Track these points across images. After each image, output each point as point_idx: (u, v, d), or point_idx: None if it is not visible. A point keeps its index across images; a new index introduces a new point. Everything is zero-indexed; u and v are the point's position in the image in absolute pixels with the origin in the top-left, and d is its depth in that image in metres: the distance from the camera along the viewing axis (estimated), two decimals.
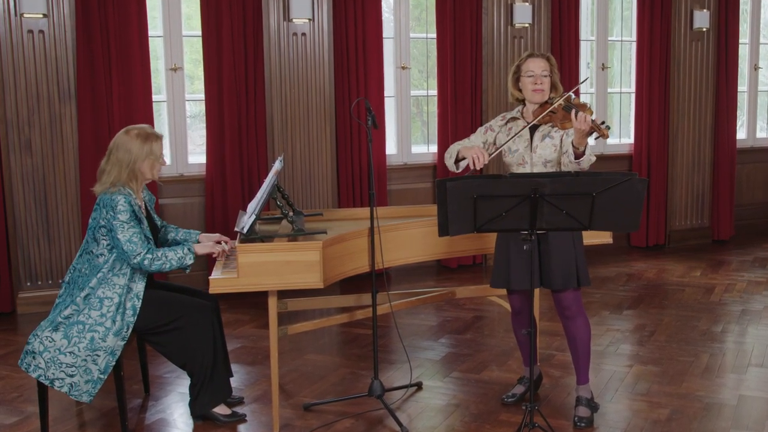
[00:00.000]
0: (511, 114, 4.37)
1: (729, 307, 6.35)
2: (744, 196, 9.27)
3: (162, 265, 4.05)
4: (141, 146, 4.09)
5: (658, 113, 8.32)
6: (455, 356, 5.30)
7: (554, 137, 4.22)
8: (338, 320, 4.97)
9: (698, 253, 8.28)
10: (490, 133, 4.39)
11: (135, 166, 4.09)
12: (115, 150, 4.10)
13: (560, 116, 4.10)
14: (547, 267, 4.14)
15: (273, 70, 6.86)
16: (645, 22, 8.19)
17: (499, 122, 4.40)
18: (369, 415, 4.36)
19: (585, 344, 4.26)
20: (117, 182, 4.06)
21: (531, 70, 4.21)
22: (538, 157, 4.21)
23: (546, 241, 4.12)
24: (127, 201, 4.01)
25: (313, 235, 4.15)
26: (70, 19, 6.23)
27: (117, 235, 3.99)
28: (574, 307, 4.20)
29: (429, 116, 7.94)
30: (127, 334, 4.03)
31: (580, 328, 4.23)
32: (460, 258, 7.58)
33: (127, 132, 4.14)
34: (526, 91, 4.25)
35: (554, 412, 4.36)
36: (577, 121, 3.88)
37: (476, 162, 4.07)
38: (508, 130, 4.32)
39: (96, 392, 4.00)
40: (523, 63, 4.28)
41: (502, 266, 4.24)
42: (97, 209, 4.07)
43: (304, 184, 7.06)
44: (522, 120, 4.31)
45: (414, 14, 7.84)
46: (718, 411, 4.37)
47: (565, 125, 4.08)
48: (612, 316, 6.10)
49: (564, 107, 4.09)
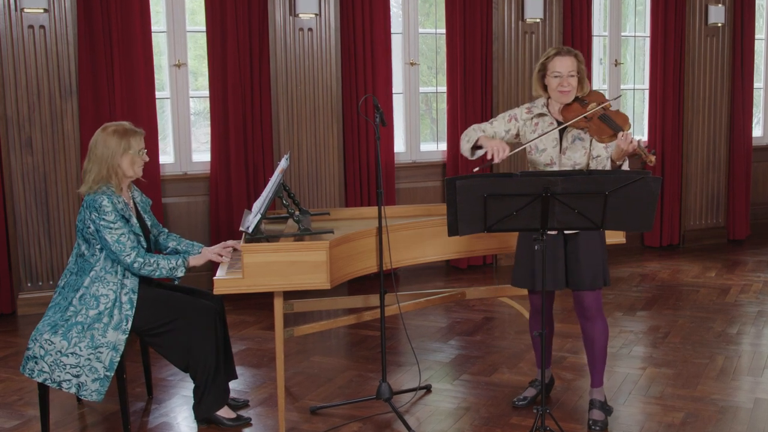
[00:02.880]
0: (537, 109, 4.22)
1: (745, 308, 6.28)
2: (760, 195, 9.17)
3: (152, 271, 4.04)
4: (118, 142, 4.06)
5: (672, 110, 8.24)
6: (465, 358, 5.25)
7: (584, 139, 4.11)
8: (345, 322, 4.93)
9: (713, 253, 8.20)
10: (514, 122, 4.24)
11: (113, 162, 4.05)
12: (94, 148, 4.09)
13: (596, 126, 3.97)
14: (574, 268, 4.08)
15: (279, 67, 6.80)
16: (659, 18, 8.11)
17: (524, 114, 4.24)
18: (377, 419, 4.32)
19: (602, 347, 4.22)
20: (99, 180, 4.04)
21: (558, 71, 4.06)
22: (567, 159, 4.11)
23: (575, 242, 4.06)
24: (110, 200, 3.99)
25: (319, 235, 4.13)
26: (72, 14, 6.19)
27: (104, 236, 3.98)
28: (595, 308, 4.15)
29: (438, 113, 7.87)
30: (128, 327, 4.00)
31: (599, 330, 4.19)
32: (470, 258, 7.53)
33: (104, 129, 4.13)
34: (552, 90, 4.12)
35: (566, 416, 4.32)
36: (622, 141, 3.82)
37: (496, 155, 3.94)
38: (534, 126, 4.19)
39: (105, 390, 3.98)
40: (549, 61, 4.12)
41: (526, 265, 4.17)
42: (82, 211, 4.06)
43: (311, 183, 7.01)
44: (549, 116, 4.18)
45: (423, 9, 7.77)
46: (733, 414, 4.32)
47: (602, 139, 3.95)
48: (625, 318, 6.03)
49: (600, 117, 3.97)
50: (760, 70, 9.08)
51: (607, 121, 3.96)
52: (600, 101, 4.07)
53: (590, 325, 4.18)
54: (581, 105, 4.09)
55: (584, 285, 4.08)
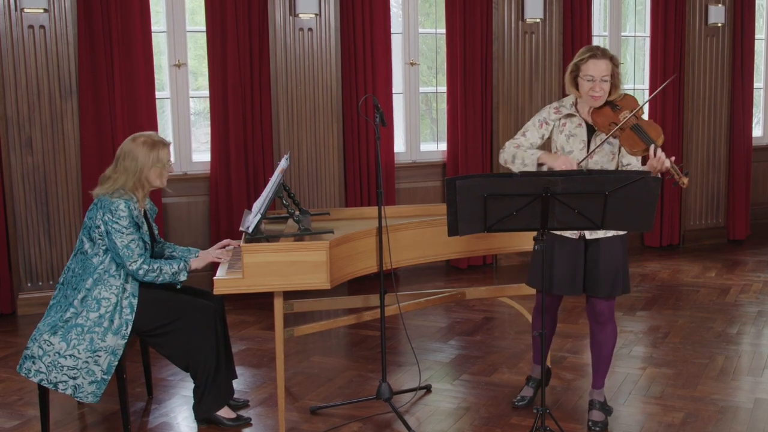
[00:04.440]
0: (566, 109, 4.13)
1: (745, 308, 6.27)
2: (760, 195, 9.17)
3: (155, 277, 4.05)
4: (148, 154, 4.08)
5: (672, 110, 8.24)
6: (465, 358, 5.24)
7: (613, 143, 4.04)
8: (345, 322, 4.90)
9: (713, 254, 8.20)
10: (545, 126, 4.16)
11: (142, 175, 4.08)
12: (122, 158, 4.09)
13: (627, 138, 3.89)
14: (593, 273, 4.05)
15: (279, 67, 6.80)
16: (659, 18, 8.10)
17: (553, 115, 4.15)
18: (377, 419, 4.31)
19: (609, 351, 4.22)
20: (122, 189, 4.04)
21: (590, 75, 3.93)
22: (594, 164, 4.05)
23: (596, 247, 4.03)
24: (127, 206, 3.99)
25: (319, 235, 4.11)
26: (72, 14, 6.18)
27: (114, 239, 3.98)
28: (608, 313, 4.13)
29: (438, 113, 7.86)
30: (127, 332, 4.00)
31: (609, 335, 4.18)
32: (470, 258, 7.52)
33: (134, 140, 4.13)
34: (584, 93, 4.00)
35: (566, 416, 4.31)
36: (653, 159, 3.79)
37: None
38: (562, 126, 4.11)
39: (101, 393, 3.98)
40: (583, 63, 3.97)
41: (545, 267, 4.05)
42: (94, 209, 4.05)
43: (311, 183, 7.00)
44: (578, 117, 4.09)
45: (423, 9, 7.76)
46: (733, 414, 4.31)
47: (634, 152, 3.87)
48: (625, 318, 6.02)
49: (632, 127, 3.89)
50: (760, 70, 9.07)
51: (640, 133, 3.87)
52: (633, 108, 3.96)
53: (600, 329, 4.17)
54: (613, 110, 3.99)
55: (601, 293, 4.05)
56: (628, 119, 3.91)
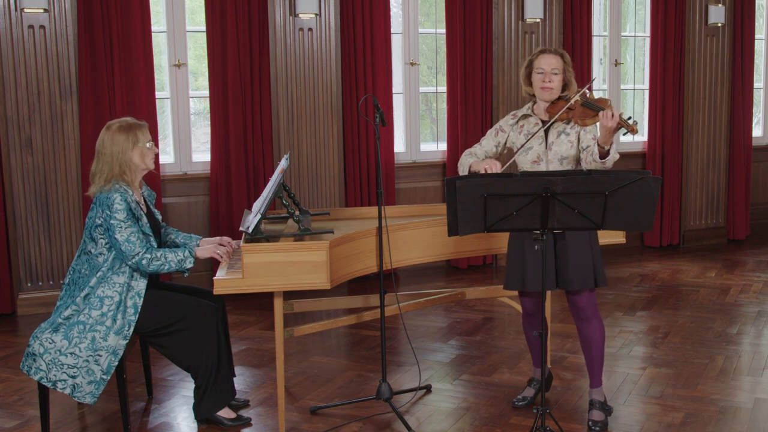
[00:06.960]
0: (521, 111, 4.29)
1: (745, 308, 6.27)
2: (760, 195, 9.17)
3: (161, 266, 4.01)
4: (126, 137, 4.07)
5: (672, 110, 8.24)
6: (465, 358, 5.24)
7: (570, 134, 4.15)
8: (345, 322, 4.91)
9: (713, 253, 8.20)
10: (501, 134, 4.32)
11: (124, 158, 4.05)
12: (101, 148, 4.08)
13: (579, 113, 4.04)
14: (563, 268, 4.07)
15: (279, 67, 6.80)
16: (659, 18, 8.10)
17: (509, 121, 4.32)
18: (377, 419, 4.31)
19: (599, 347, 4.20)
20: (111, 179, 4.03)
21: (541, 68, 4.14)
22: (554, 155, 4.14)
23: (562, 241, 4.05)
24: (123, 198, 3.97)
25: (319, 235, 4.11)
26: (72, 14, 6.18)
27: (114, 234, 3.96)
28: (590, 308, 4.13)
29: (438, 113, 7.86)
30: (129, 332, 3.99)
31: (595, 330, 4.17)
32: (470, 258, 7.52)
33: (108, 128, 4.12)
34: (536, 88, 4.18)
35: (566, 416, 4.31)
36: (604, 119, 3.84)
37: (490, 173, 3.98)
38: (519, 128, 4.25)
39: (99, 393, 3.97)
40: (535, 59, 4.20)
41: (517, 267, 4.17)
42: (94, 208, 4.05)
43: (311, 183, 7.00)
44: (534, 117, 4.23)
45: (423, 9, 7.76)
46: (733, 415, 4.31)
47: (586, 122, 4.02)
48: (625, 318, 6.02)
49: (582, 103, 4.04)
50: (760, 70, 9.07)
51: (590, 105, 4.01)
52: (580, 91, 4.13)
53: (586, 326, 4.17)
54: (565, 100, 4.14)
55: (573, 285, 4.06)
56: (577, 97, 4.07)
